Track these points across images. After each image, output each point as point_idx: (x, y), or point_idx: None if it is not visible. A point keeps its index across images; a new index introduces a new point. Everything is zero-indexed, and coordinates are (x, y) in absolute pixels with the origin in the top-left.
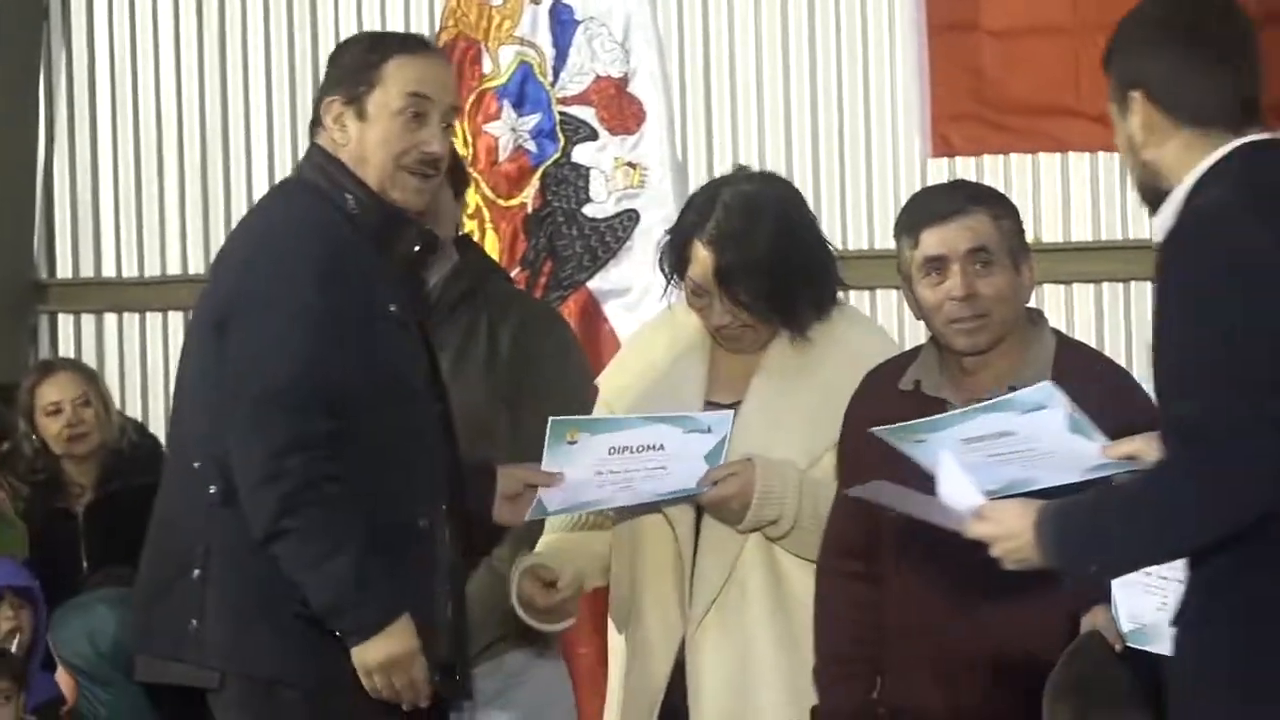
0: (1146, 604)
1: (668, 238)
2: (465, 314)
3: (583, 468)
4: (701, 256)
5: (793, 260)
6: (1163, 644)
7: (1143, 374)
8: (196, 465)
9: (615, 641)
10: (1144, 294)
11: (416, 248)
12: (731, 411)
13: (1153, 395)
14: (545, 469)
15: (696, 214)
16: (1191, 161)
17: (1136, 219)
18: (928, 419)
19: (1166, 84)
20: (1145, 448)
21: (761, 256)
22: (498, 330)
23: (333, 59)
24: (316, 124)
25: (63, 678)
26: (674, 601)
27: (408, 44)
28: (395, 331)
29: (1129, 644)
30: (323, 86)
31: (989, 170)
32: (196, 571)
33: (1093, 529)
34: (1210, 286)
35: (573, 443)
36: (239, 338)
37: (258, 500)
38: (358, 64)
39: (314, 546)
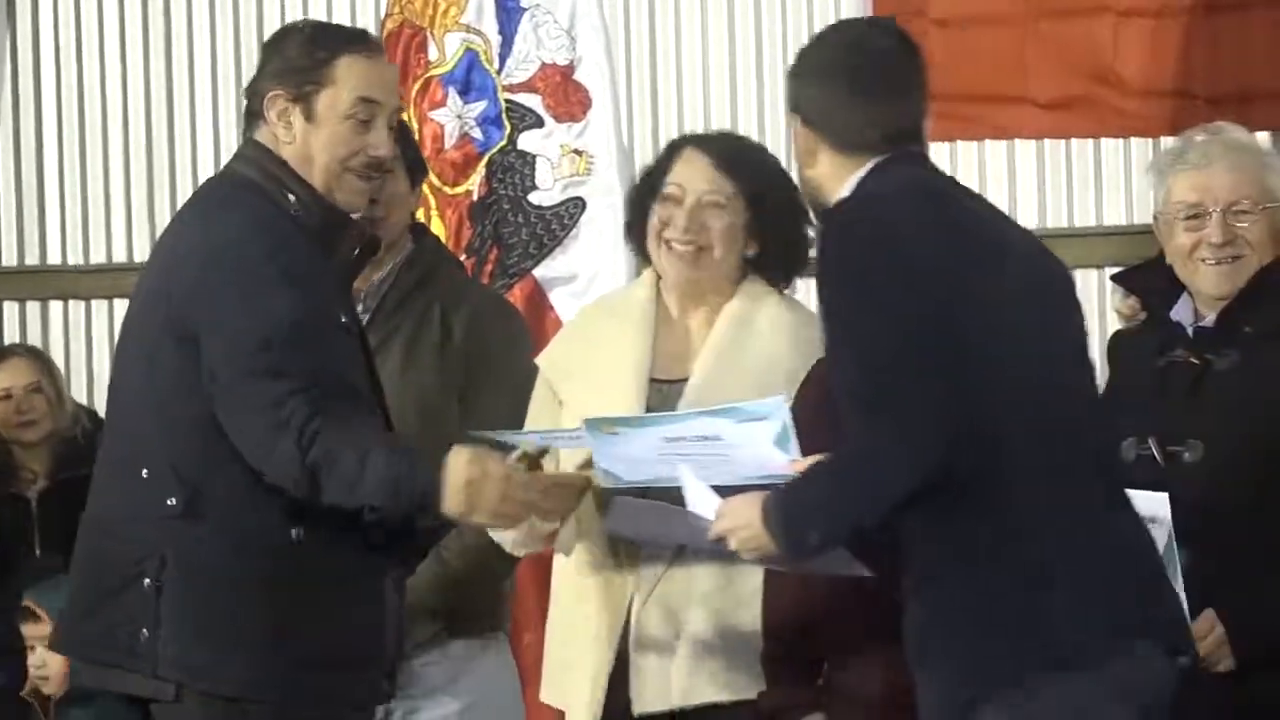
0: None
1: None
2: (419, 301)
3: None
4: (693, 158)
5: (784, 195)
6: None
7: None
8: (145, 474)
9: (555, 616)
10: (1089, 280)
11: (356, 251)
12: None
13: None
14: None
15: (689, 135)
16: (839, 181)
17: (1081, 206)
18: (640, 416)
19: (819, 114)
20: None
21: (761, 164)
22: (450, 318)
23: (274, 47)
24: (254, 115)
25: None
26: (618, 580)
27: (355, 42)
28: (345, 338)
29: None
30: (262, 76)
31: (936, 158)
32: (147, 581)
33: (806, 503)
34: (871, 261)
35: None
36: (217, 354)
37: (278, 459)
38: (305, 60)
39: (346, 465)
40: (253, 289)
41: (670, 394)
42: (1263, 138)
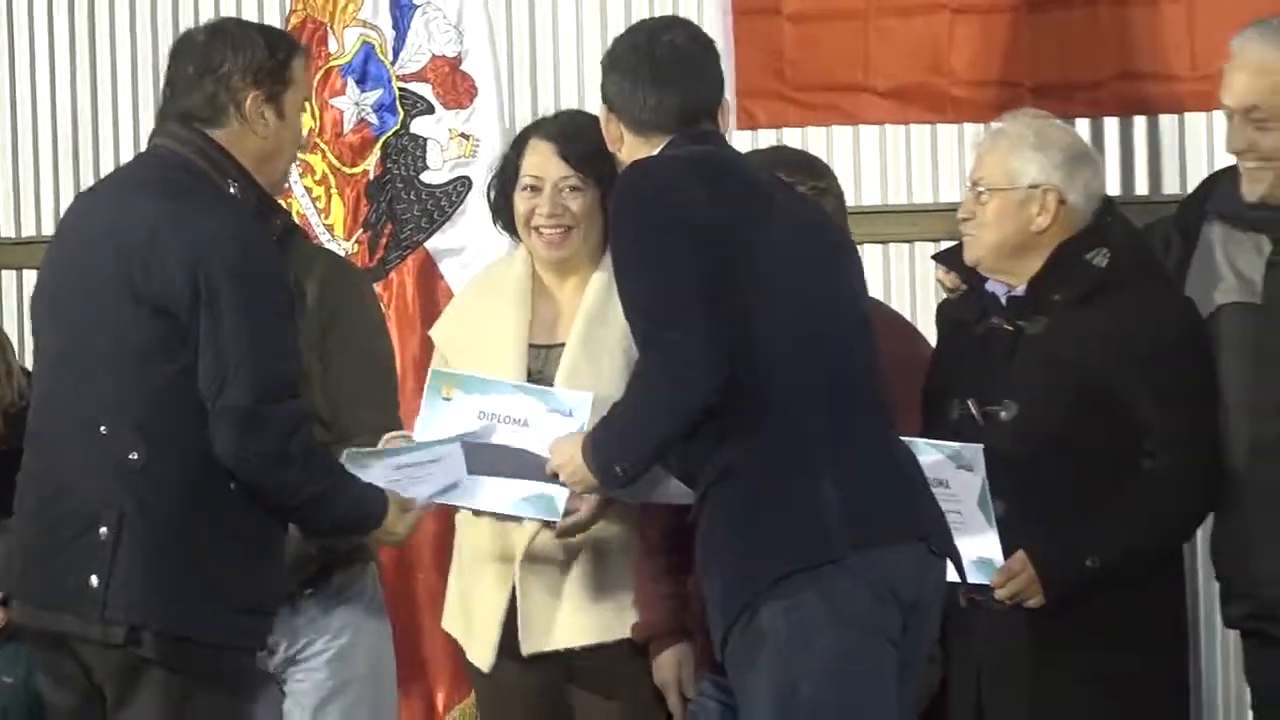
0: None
1: (499, 167)
2: None
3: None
4: (540, 148)
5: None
6: None
7: (926, 326)
8: (103, 430)
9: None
10: (926, 253)
11: (276, 235)
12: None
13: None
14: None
15: (531, 125)
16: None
17: (921, 185)
18: (485, 378)
19: (620, 100)
20: None
21: (594, 130)
22: (304, 284)
23: (230, 47)
24: (218, 110)
25: None
26: (509, 526)
27: (297, 44)
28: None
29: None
30: (230, 75)
31: (789, 141)
32: (104, 531)
33: (609, 436)
34: (651, 218)
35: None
36: (226, 334)
37: (277, 481)
38: (271, 61)
39: (325, 500)
40: (259, 293)
41: (549, 357)
42: (1083, 124)
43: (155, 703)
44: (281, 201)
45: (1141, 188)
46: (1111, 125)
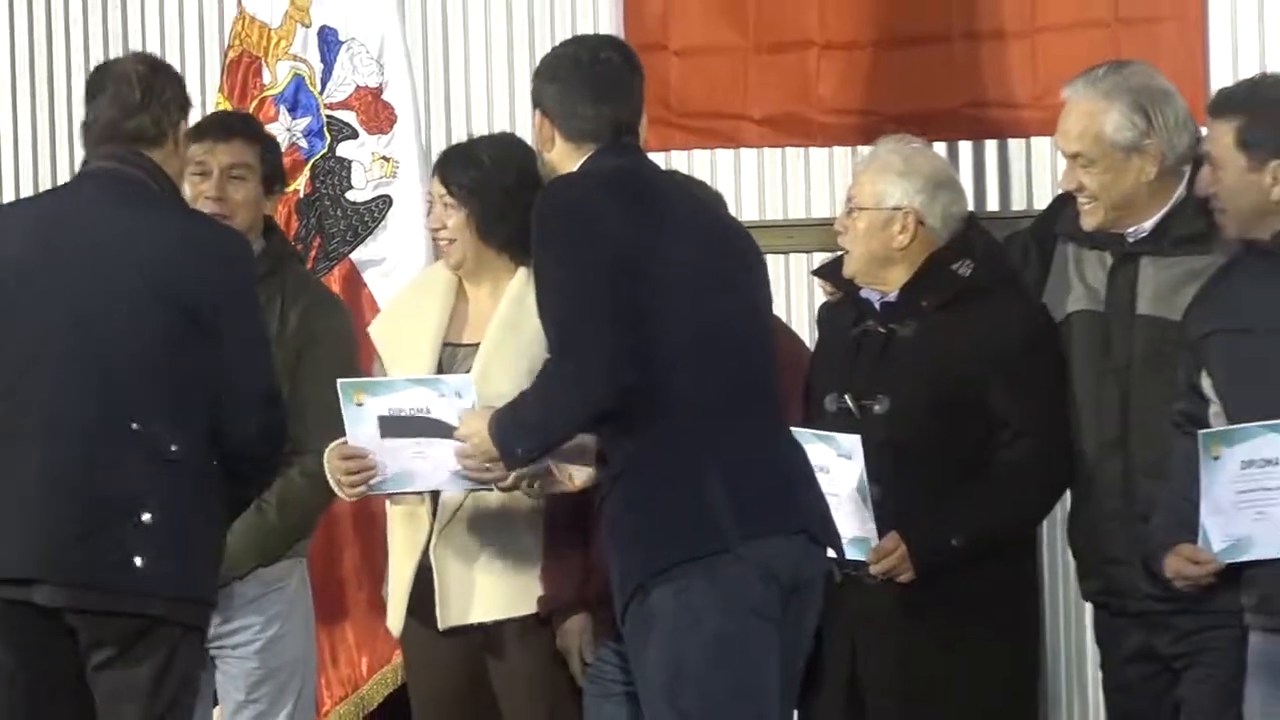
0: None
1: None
2: (265, 291)
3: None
4: (435, 175)
5: (511, 184)
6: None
7: (800, 329)
8: (135, 426)
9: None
10: (800, 263)
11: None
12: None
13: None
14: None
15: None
16: (571, 162)
17: (794, 202)
18: (383, 380)
19: (556, 108)
20: None
21: (480, 157)
22: (289, 310)
23: (166, 81)
24: (156, 138)
25: None
26: (423, 509)
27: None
28: None
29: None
30: (168, 108)
31: (676, 163)
32: (146, 516)
33: (514, 422)
34: (568, 232)
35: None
36: (240, 334)
37: (277, 451)
38: (184, 97)
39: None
40: (253, 299)
41: (462, 355)
42: (939, 147)
43: (154, 653)
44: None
45: (993, 204)
46: (965, 148)
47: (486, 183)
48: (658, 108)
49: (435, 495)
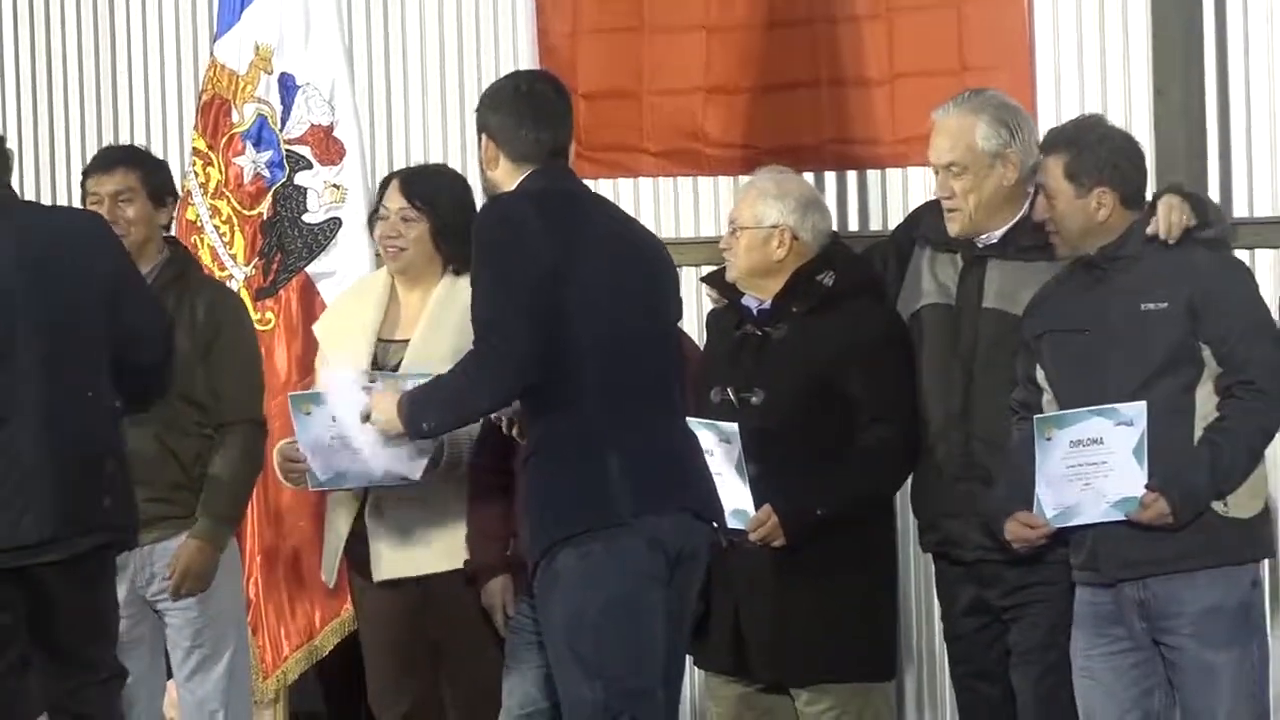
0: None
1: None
2: (174, 292)
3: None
4: (392, 186)
5: (457, 204)
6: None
7: (689, 332)
8: (90, 394)
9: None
10: (691, 277)
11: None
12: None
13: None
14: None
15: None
16: (511, 179)
17: (685, 222)
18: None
19: (499, 132)
20: None
21: (440, 177)
22: (196, 304)
23: None
24: None
25: None
26: None
27: None
28: None
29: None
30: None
31: None
32: (110, 465)
33: (426, 401)
34: (498, 242)
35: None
36: (150, 312)
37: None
38: None
39: None
40: None
41: (393, 350)
42: (808, 176)
43: (103, 574)
44: (195, 239)
45: (853, 226)
46: (830, 178)
47: (441, 200)
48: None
49: None
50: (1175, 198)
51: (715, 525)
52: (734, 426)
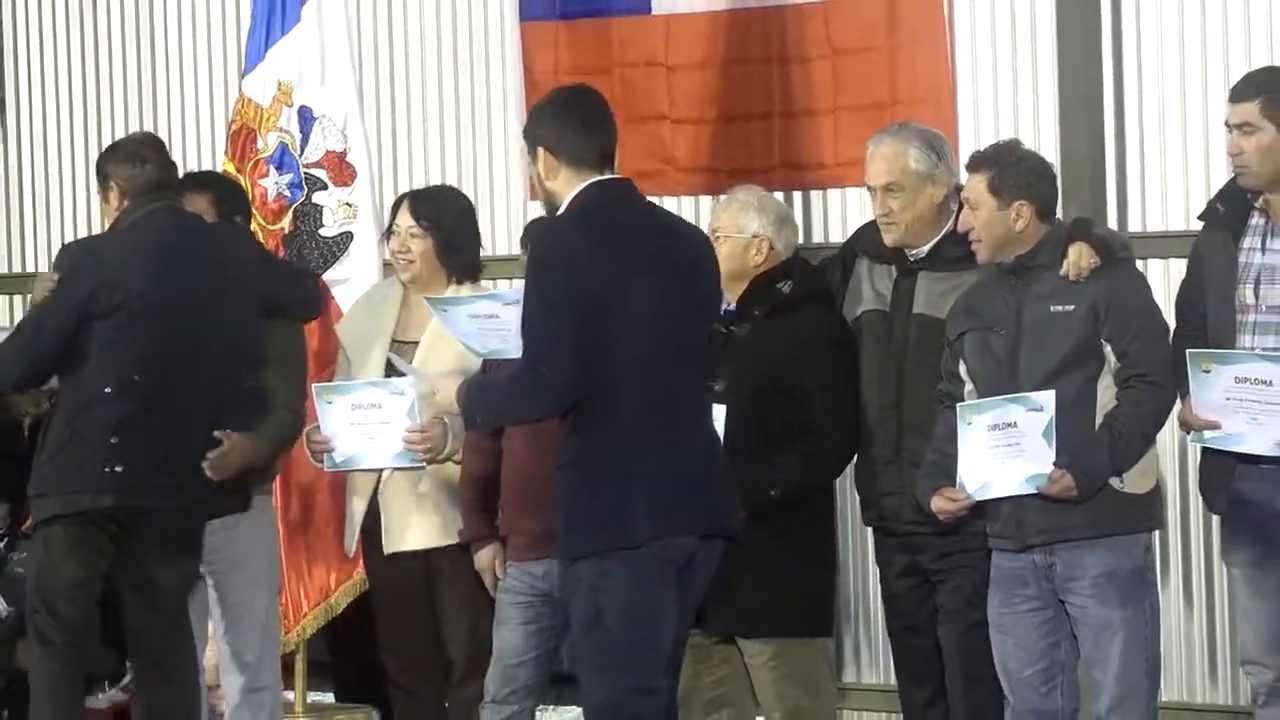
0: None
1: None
2: None
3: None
4: (402, 206)
5: (459, 222)
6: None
7: None
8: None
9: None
10: None
11: None
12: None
13: None
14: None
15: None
16: (571, 187)
17: None
18: (346, 383)
19: (557, 142)
20: None
21: (445, 199)
22: None
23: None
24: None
25: None
26: None
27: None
28: None
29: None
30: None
31: None
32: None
33: (481, 398)
34: (548, 264)
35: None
36: None
37: None
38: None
39: None
40: None
41: (405, 350)
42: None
43: None
44: None
45: (801, 239)
46: (780, 196)
47: (445, 219)
48: None
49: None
50: (1084, 245)
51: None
52: (720, 409)
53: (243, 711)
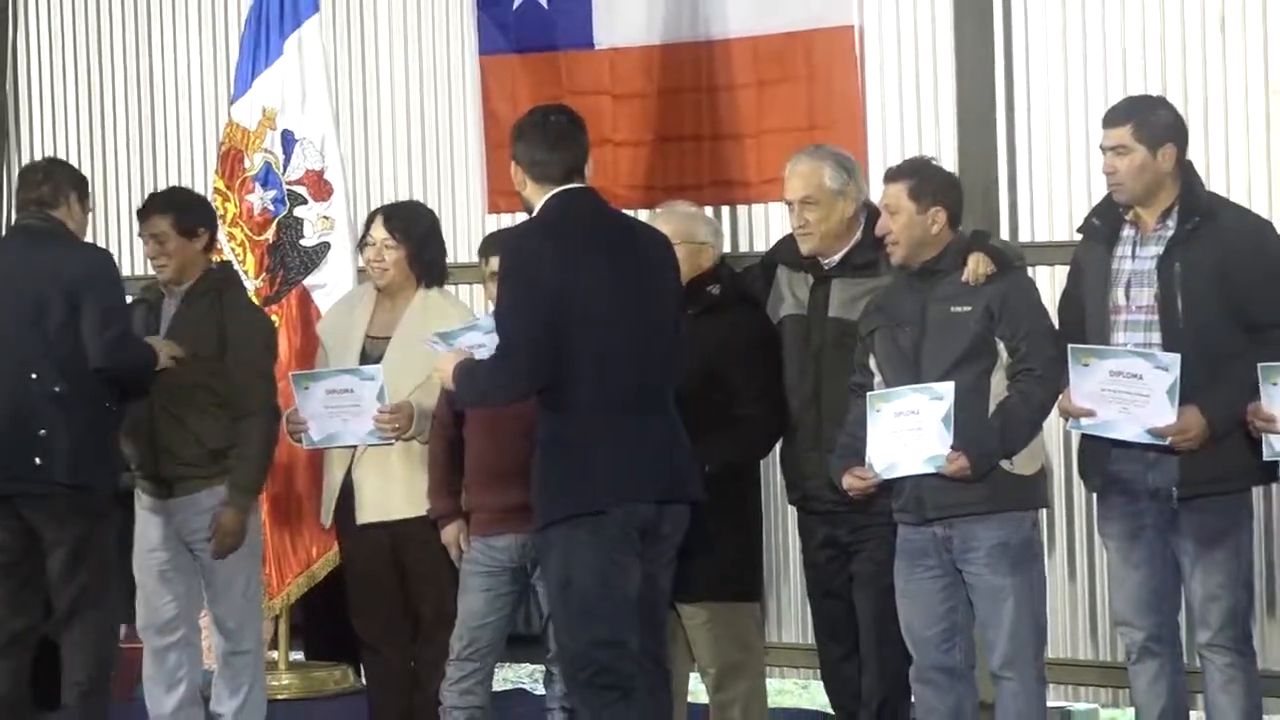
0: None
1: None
2: (205, 301)
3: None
4: (375, 220)
5: (427, 233)
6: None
7: None
8: (34, 376)
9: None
10: None
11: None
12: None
13: None
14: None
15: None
16: (538, 198)
17: None
18: (321, 370)
19: (525, 158)
20: None
21: (414, 214)
22: (224, 318)
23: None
24: (51, 202)
25: None
26: None
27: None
28: None
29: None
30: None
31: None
32: (42, 431)
33: (468, 379)
34: (515, 270)
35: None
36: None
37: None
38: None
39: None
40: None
41: (378, 346)
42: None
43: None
44: (216, 258)
45: (727, 248)
46: (709, 210)
47: (415, 231)
48: (507, 183)
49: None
50: (982, 254)
51: (691, 503)
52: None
53: (226, 671)
